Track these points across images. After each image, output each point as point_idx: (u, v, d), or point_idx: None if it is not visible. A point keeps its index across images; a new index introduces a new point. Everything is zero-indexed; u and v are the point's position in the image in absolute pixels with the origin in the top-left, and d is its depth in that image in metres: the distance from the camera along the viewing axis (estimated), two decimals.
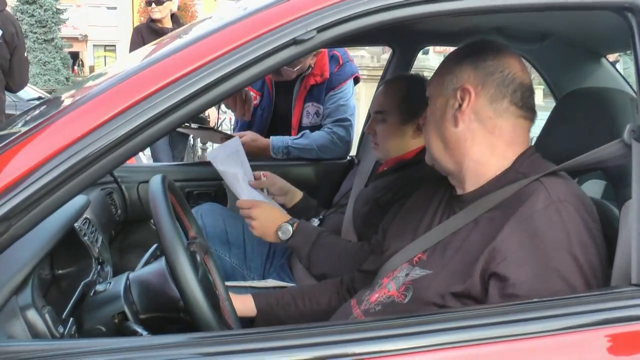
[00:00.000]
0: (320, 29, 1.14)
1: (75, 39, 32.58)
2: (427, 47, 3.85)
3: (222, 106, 6.22)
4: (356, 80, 3.34)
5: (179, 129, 3.55)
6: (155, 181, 1.47)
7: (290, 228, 2.26)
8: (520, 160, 1.52)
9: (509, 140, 1.53)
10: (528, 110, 1.55)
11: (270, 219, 2.32)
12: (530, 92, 1.56)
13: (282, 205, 2.68)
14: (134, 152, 1.09)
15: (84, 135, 1.06)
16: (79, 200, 1.71)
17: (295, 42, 1.14)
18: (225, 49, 1.11)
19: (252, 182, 2.61)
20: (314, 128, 3.23)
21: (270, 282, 2.47)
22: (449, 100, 1.55)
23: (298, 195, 2.78)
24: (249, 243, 2.68)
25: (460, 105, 1.53)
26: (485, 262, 1.37)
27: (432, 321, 1.18)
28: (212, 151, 2.65)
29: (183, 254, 1.31)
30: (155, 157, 5.75)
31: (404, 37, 2.84)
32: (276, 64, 1.14)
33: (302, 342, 1.12)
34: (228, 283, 2.36)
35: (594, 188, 2.21)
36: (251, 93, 3.01)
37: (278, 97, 3.29)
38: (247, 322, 1.95)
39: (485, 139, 1.52)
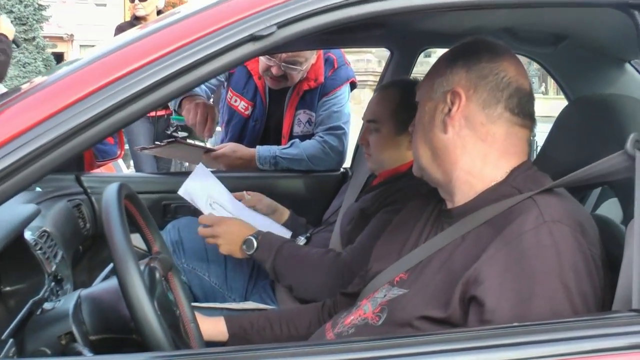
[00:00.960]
0: (281, 25, 1.16)
1: (60, 38, 32.70)
2: (429, 49, 3.85)
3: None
4: (353, 86, 3.36)
5: (146, 152, 3.58)
6: (110, 190, 1.48)
7: (254, 242, 2.31)
8: (515, 174, 1.53)
9: (503, 149, 1.53)
10: (525, 117, 1.55)
11: (234, 234, 2.37)
12: (529, 98, 1.56)
13: None
14: (76, 152, 1.11)
15: (25, 131, 1.09)
16: (26, 209, 1.73)
17: (253, 38, 1.16)
18: (176, 45, 1.13)
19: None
20: (305, 137, 3.25)
21: (249, 305, 2.48)
22: (439, 104, 1.57)
23: (285, 214, 2.81)
24: (230, 261, 2.69)
25: (449, 110, 1.54)
26: (466, 284, 1.37)
27: (403, 344, 1.18)
28: (182, 187, 2.71)
29: (134, 268, 1.32)
30: (138, 169, 5.77)
31: (402, 38, 2.86)
32: (233, 62, 1.16)
33: None
34: (202, 305, 2.39)
35: (612, 208, 2.20)
36: (216, 111, 3.05)
37: (271, 106, 3.31)
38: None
39: (476, 147, 1.53)
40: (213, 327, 1.95)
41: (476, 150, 1.53)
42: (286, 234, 2.72)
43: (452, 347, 1.15)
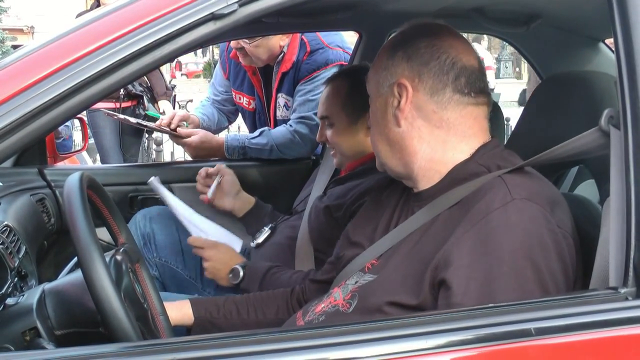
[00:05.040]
0: (243, 3, 1.15)
1: (20, 30, 32.30)
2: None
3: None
4: None
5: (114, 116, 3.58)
6: (72, 179, 1.47)
7: (241, 271, 2.31)
8: (482, 152, 1.53)
9: (461, 132, 1.53)
10: (478, 95, 1.54)
11: (222, 262, 2.39)
12: (478, 74, 1.55)
13: (232, 214, 2.76)
14: (35, 136, 1.10)
15: None
16: None
17: (214, 17, 1.15)
18: (135, 25, 1.12)
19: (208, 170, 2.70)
20: (285, 122, 3.22)
21: None
22: (388, 98, 1.56)
23: (250, 201, 2.81)
24: None
25: (399, 103, 1.53)
26: (435, 268, 1.37)
27: (375, 329, 1.19)
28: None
29: (99, 259, 1.31)
30: (104, 161, 5.77)
31: (371, 21, 2.85)
32: (193, 42, 1.15)
33: (229, 352, 1.13)
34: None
35: (589, 189, 2.23)
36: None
37: (267, 95, 3.32)
38: (184, 332, 1.97)
39: (433, 136, 1.53)
40: (178, 311, 1.95)
41: (434, 138, 1.53)
42: (237, 242, 2.72)
43: (425, 330, 1.16)
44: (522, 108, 2.05)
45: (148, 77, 5.70)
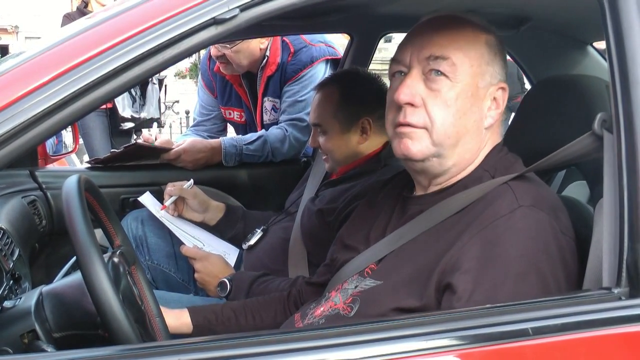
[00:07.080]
0: (244, 7, 1.16)
1: (4, 30, 32.09)
2: (390, 34, 3.84)
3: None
4: (336, 64, 3.21)
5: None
6: (70, 182, 1.47)
7: (228, 285, 2.31)
8: (489, 157, 1.55)
9: (492, 137, 1.59)
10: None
11: (212, 275, 2.40)
12: None
13: (204, 223, 2.74)
14: (34, 143, 1.11)
15: None
16: None
17: (215, 21, 1.16)
18: (137, 29, 1.13)
19: (171, 187, 2.69)
20: (274, 125, 3.22)
21: None
22: (487, 95, 1.54)
23: (220, 209, 2.79)
24: None
25: (496, 104, 1.55)
26: (442, 273, 1.39)
27: (377, 329, 1.20)
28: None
29: (99, 262, 1.31)
30: None
31: (363, 23, 2.86)
32: (195, 46, 1.16)
33: (232, 354, 1.14)
34: None
35: (578, 190, 2.25)
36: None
37: (253, 99, 3.30)
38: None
39: (492, 138, 1.58)
40: (177, 319, 1.95)
41: (491, 140, 1.58)
42: (233, 251, 2.72)
43: (425, 331, 1.18)
44: None
45: None
